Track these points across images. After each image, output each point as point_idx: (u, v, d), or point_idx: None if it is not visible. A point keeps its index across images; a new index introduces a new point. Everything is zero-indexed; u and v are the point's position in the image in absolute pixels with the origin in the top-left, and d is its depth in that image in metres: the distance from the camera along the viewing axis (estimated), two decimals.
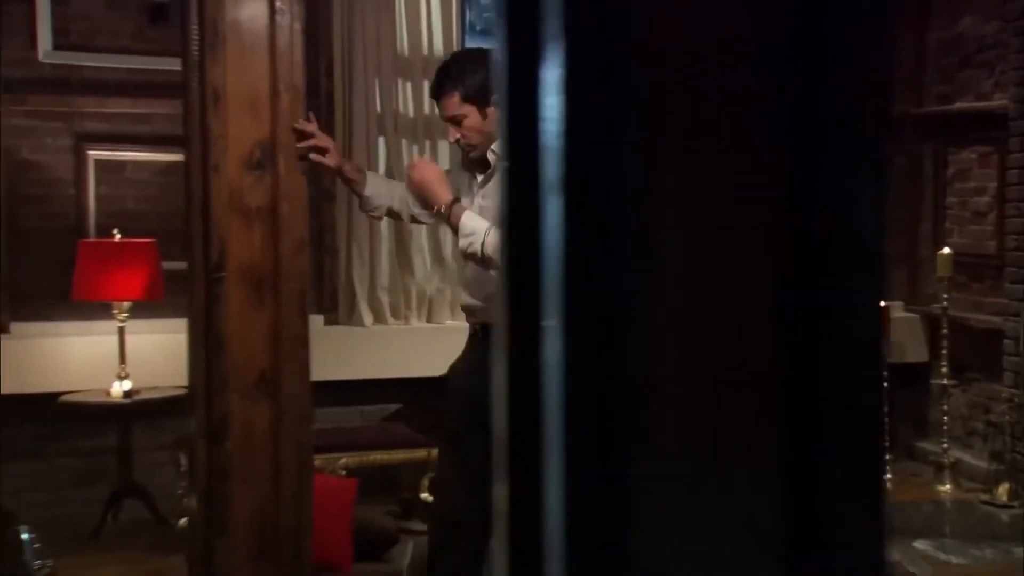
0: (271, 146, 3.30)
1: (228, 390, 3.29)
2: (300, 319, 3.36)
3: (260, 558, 3.34)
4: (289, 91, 3.30)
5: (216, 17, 3.23)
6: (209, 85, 3.26)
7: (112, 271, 5.43)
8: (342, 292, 6.26)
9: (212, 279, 3.30)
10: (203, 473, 3.35)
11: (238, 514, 3.31)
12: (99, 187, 5.94)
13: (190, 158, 3.38)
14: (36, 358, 5.75)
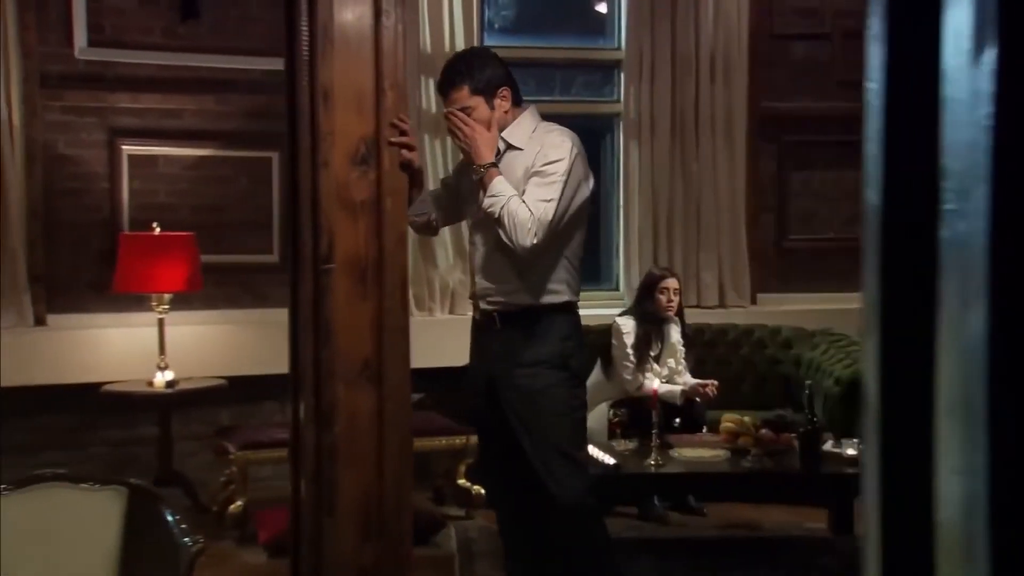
0: (375, 142, 3.42)
1: (335, 378, 3.42)
2: (401, 309, 3.49)
3: (365, 538, 3.47)
4: (393, 89, 3.42)
5: (326, 18, 3.35)
6: (319, 84, 3.37)
7: (153, 264, 5.52)
8: None
9: (321, 271, 3.42)
10: (311, 457, 3.47)
11: (345, 496, 3.44)
12: (132, 181, 6.02)
13: (298, 153, 3.48)
14: (73, 350, 5.83)
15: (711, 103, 6.81)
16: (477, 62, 3.65)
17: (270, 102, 6.18)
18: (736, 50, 6.85)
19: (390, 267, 3.45)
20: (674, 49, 6.76)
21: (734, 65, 6.85)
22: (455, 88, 3.58)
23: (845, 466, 4.79)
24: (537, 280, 3.53)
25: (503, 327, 3.57)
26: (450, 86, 3.60)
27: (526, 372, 3.53)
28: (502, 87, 3.60)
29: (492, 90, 3.58)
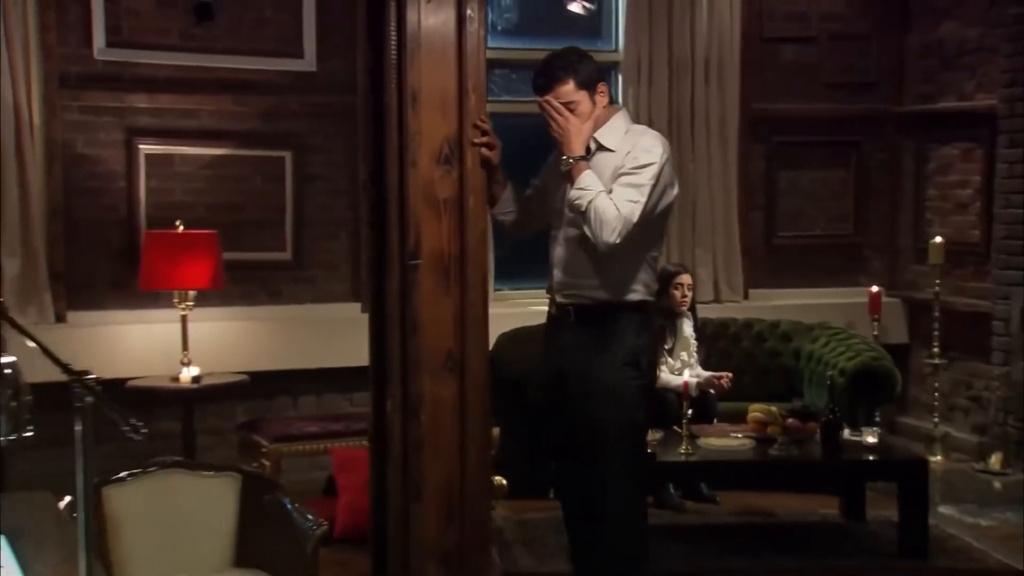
0: (459, 142, 3.58)
1: (421, 369, 3.56)
2: (482, 303, 3.64)
3: (449, 523, 3.62)
4: (476, 91, 3.58)
5: (415, 23, 3.49)
6: (408, 86, 3.51)
7: (177, 261, 5.58)
8: None
9: (408, 266, 3.56)
10: (399, 446, 3.61)
11: (430, 482, 3.59)
12: (149, 180, 6.08)
13: (383, 153, 3.61)
14: (93, 346, 5.87)
15: (705, 104, 7.03)
16: (577, 57, 3.69)
17: (284, 103, 6.30)
18: (729, 53, 7.08)
19: (472, 262, 3.61)
20: (670, 52, 6.97)
21: (727, 68, 7.08)
22: (560, 82, 3.60)
23: (864, 453, 5.03)
24: (616, 277, 3.60)
25: (577, 321, 3.64)
26: (555, 80, 3.60)
27: (599, 367, 3.59)
28: (600, 82, 3.67)
29: (593, 85, 3.64)
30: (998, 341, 6.75)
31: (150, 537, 3.05)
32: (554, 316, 3.77)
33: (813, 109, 7.35)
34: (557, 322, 3.74)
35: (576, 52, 3.75)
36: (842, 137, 7.48)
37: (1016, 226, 6.62)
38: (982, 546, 5.12)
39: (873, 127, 7.52)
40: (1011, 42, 6.65)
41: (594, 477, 3.62)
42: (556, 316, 3.75)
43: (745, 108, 7.13)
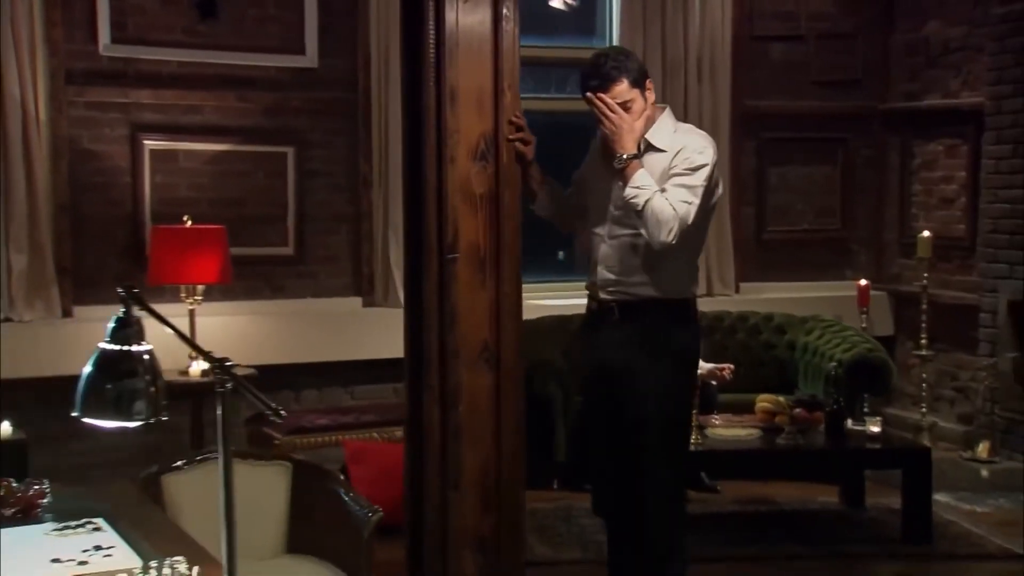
0: (494, 139, 3.66)
1: (458, 360, 3.64)
2: (516, 295, 3.72)
3: (485, 510, 3.70)
4: (511, 89, 3.66)
5: (453, 23, 3.57)
6: (447, 84, 3.59)
7: (185, 256, 5.63)
8: (379, 275, 6.56)
9: (446, 260, 3.64)
10: (437, 435, 3.69)
11: (467, 471, 3.67)
12: (154, 175, 6.11)
13: (420, 149, 3.68)
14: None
15: (698, 101, 7.15)
16: (625, 56, 3.74)
17: (286, 99, 6.35)
18: (720, 51, 7.20)
19: (507, 256, 3.68)
20: (664, 50, 7.08)
21: (718, 65, 7.20)
22: (615, 82, 3.63)
23: (868, 442, 5.17)
24: (665, 276, 3.68)
25: (622, 318, 3.71)
26: (610, 81, 3.63)
27: (647, 364, 3.67)
28: (648, 79, 3.72)
29: (643, 82, 3.69)
30: (985, 333, 6.92)
31: (207, 523, 3.10)
32: (596, 312, 3.81)
33: (801, 106, 7.50)
34: (600, 318, 3.80)
35: (623, 51, 3.81)
36: (829, 134, 7.62)
37: (1003, 220, 6.79)
38: (980, 531, 5.28)
39: (859, 124, 7.67)
40: (997, 41, 6.82)
41: (639, 470, 3.71)
42: (598, 312, 3.80)
43: (736, 105, 7.26)
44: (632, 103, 3.67)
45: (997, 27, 6.79)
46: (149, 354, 2.00)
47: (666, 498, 3.74)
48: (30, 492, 2.53)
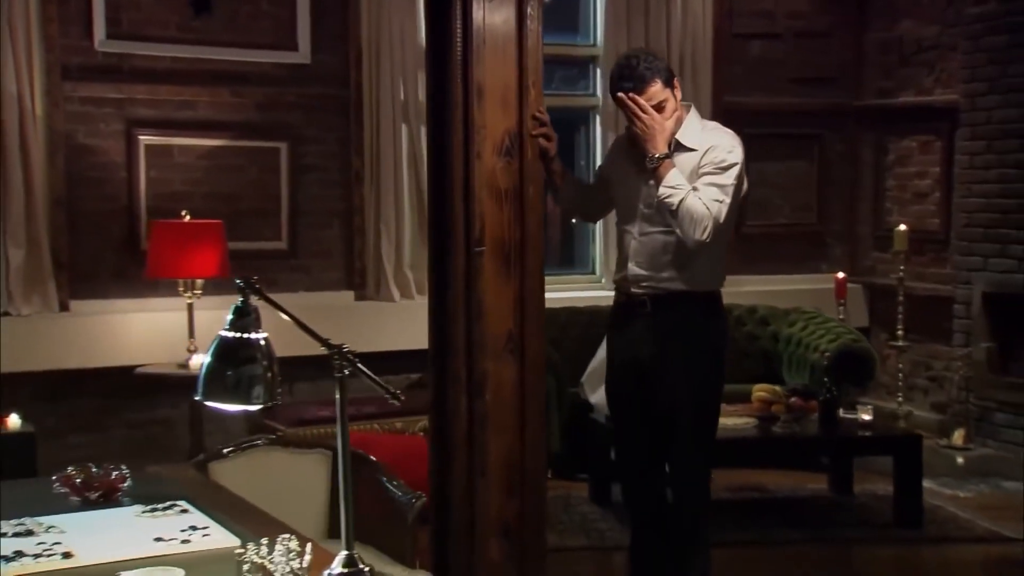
0: (519, 135, 3.75)
1: (484, 351, 3.73)
2: (540, 289, 3.82)
3: (509, 496, 3.80)
4: (535, 86, 3.76)
5: (480, 21, 3.66)
6: (474, 81, 3.68)
7: (184, 250, 5.67)
8: (371, 269, 6.63)
9: (473, 253, 3.73)
10: (463, 425, 3.78)
11: (493, 459, 3.76)
12: (149, 170, 6.14)
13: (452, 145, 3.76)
14: (97, 335, 5.95)
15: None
16: (655, 56, 3.84)
17: (279, 94, 6.40)
18: (701, 48, 7.34)
19: (531, 249, 3.78)
20: (647, 47, 7.19)
21: (700, 62, 7.34)
22: (650, 83, 3.71)
23: (861, 429, 5.33)
24: (694, 269, 3.77)
25: (654, 311, 3.79)
26: (644, 82, 3.71)
27: (679, 355, 3.77)
28: (675, 79, 3.81)
29: (672, 82, 3.78)
30: (959, 323, 7.12)
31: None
32: (626, 307, 3.89)
33: (779, 103, 7.66)
34: (631, 312, 3.87)
35: (652, 53, 3.91)
36: (806, 130, 7.80)
37: (977, 214, 7.00)
38: (967, 515, 5.46)
39: (835, 120, 7.85)
40: (970, 40, 7.02)
41: (672, 458, 3.83)
42: (628, 306, 3.88)
43: (717, 101, 7.41)
44: (665, 103, 3.75)
45: (971, 27, 6.99)
46: (265, 341, 2.08)
47: (697, 485, 3.87)
48: (112, 476, 2.59)
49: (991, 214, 6.91)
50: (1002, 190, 6.83)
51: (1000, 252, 6.86)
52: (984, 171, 6.95)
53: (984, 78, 6.94)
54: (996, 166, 6.87)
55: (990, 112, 6.91)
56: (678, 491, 3.89)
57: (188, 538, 2.30)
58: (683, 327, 3.78)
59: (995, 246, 6.88)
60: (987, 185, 6.93)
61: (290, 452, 3.33)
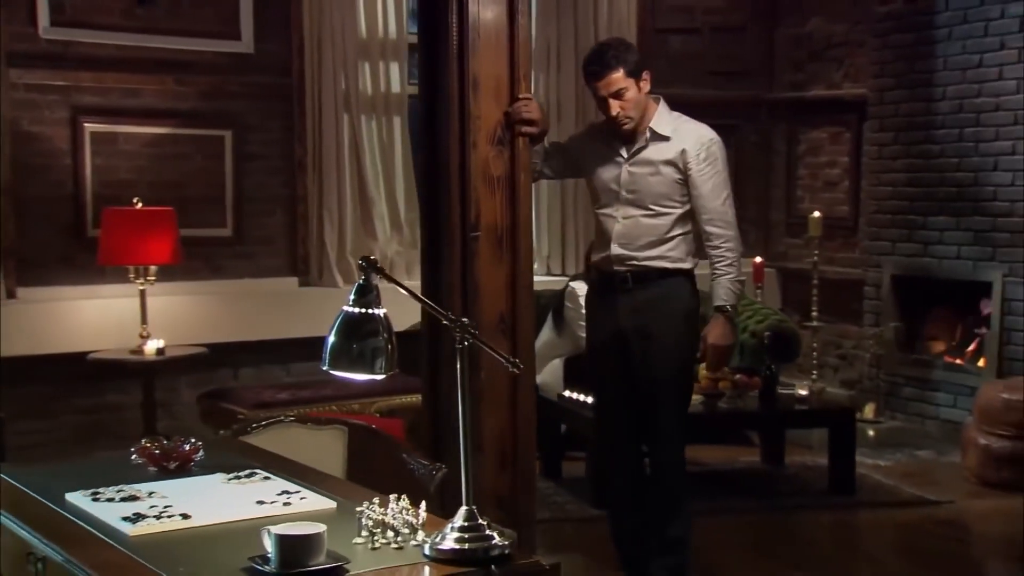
0: (510, 125, 3.95)
1: (480, 330, 3.91)
2: (529, 271, 4.03)
3: (502, 470, 4.00)
4: (526, 79, 3.96)
5: (475, 16, 3.84)
6: (470, 74, 3.86)
7: (136, 237, 5.72)
8: (314, 256, 6.74)
9: (469, 238, 3.92)
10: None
11: (487, 434, 3.96)
12: (94, 158, 6.16)
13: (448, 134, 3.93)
14: (45, 321, 5.96)
15: None
16: (624, 47, 4.13)
17: (223, 83, 6.47)
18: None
19: (522, 234, 3.99)
20: (576, 40, 7.45)
21: None
22: (612, 70, 4.00)
23: (799, 403, 5.67)
24: (673, 249, 4.08)
25: (635, 287, 4.07)
26: (607, 68, 4.00)
27: (660, 325, 4.05)
28: (645, 70, 4.10)
29: (639, 73, 4.07)
30: (869, 304, 7.55)
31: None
32: (607, 284, 4.15)
33: (697, 95, 7.93)
34: (614, 288, 4.13)
35: (624, 42, 4.19)
36: (721, 121, 8.04)
37: (886, 202, 7.42)
38: (891, 482, 5.84)
39: (748, 112, 8.21)
40: (878, 37, 7.44)
41: (655, 423, 4.08)
42: (610, 284, 4.14)
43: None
44: (625, 91, 4.04)
45: (880, 24, 7.40)
46: (385, 316, 2.24)
47: (678, 451, 4.15)
48: (186, 448, 2.71)
49: (899, 201, 7.34)
50: (909, 179, 7.26)
51: (907, 237, 7.29)
52: (892, 161, 7.38)
53: (892, 74, 7.36)
54: (903, 156, 7.31)
55: (897, 106, 7.34)
56: (660, 458, 4.15)
57: (288, 501, 2.44)
58: (663, 302, 4.07)
59: (902, 231, 7.32)
60: (895, 174, 7.36)
61: (308, 428, 3.46)
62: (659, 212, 4.06)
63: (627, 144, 4.17)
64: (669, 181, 4.05)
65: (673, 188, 4.05)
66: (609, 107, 4.10)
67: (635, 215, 4.07)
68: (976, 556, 5.13)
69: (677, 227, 4.07)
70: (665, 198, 4.06)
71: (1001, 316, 6.77)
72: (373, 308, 2.21)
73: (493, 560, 2.14)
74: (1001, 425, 5.77)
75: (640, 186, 4.10)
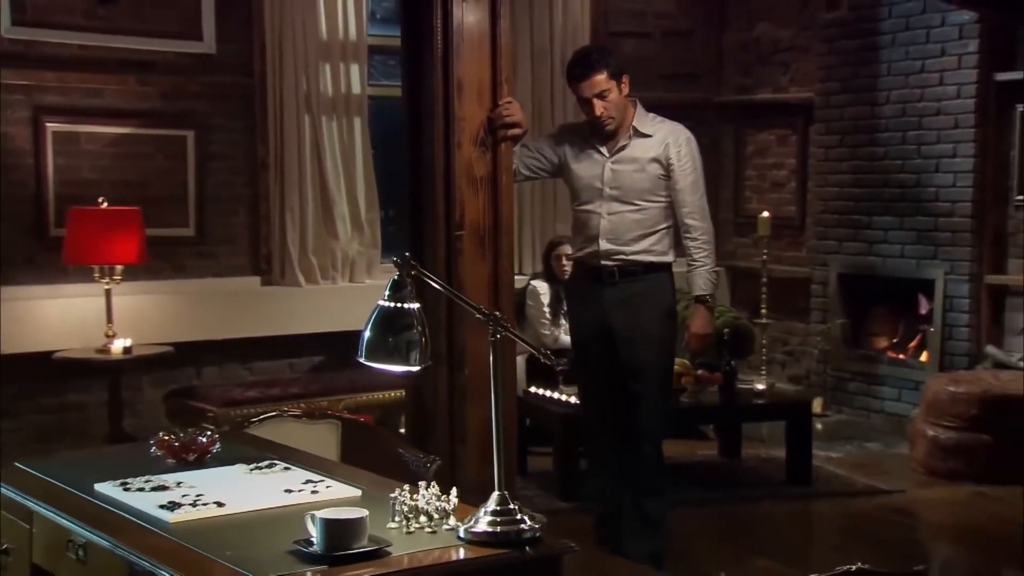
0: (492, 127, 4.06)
1: (464, 327, 4.03)
2: (510, 268, 4.15)
3: (484, 462, 4.10)
4: (508, 81, 4.08)
5: (459, 20, 3.95)
6: (454, 76, 3.97)
7: (102, 237, 5.74)
8: (276, 255, 6.79)
9: (454, 236, 4.02)
10: (444, 395, 4.07)
11: (471, 427, 4.07)
12: (57, 157, 6.16)
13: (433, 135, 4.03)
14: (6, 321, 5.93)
15: (564, 91, 7.64)
16: (606, 51, 4.35)
17: (185, 83, 6.50)
18: (581, 44, 7.74)
19: (504, 233, 4.11)
20: (532, 42, 7.58)
21: None
22: (596, 71, 4.20)
23: (757, 398, 5.85)
24: (656, 244, 4.29)
25: (621, 280, 4.25)
26: (591, 70, 4.20)
27: (647, 315, 4.25)
28: (624, 74, 4.27)
29: (620, 76, 4.27)
30: (816, 302, 7.77)
31: None
32: (592, 278, 4.32)
33: (649, 97, 8.04)
34: (599, 282, 4.30)
35: (605, 47, 4.36)
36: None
37: (832, 202, 7.64)
38: (844, 473, 6.04)
39: (697, 114, 8.34)
40: (824, 43, 7.66)
41: (638, 408, 4.25)
42: (596, 278, 4.30)
43: None
44: (608, 92, 4.25)
45: (826, 31, 7.62)
46: (419, 310, 2.34)
47: (659, 437, 4.33)
48: (203, 440, 2.78)
49: (844, 202, 7.56)
50: (855, 180, 7.49)
51: (853, 236, 7.52)
52: (838, 163, 7.60)
53: (837, 78, 7.58)
54: (848, 158, 7.53)
55: (843, 109, 7.56)
56: (643, 445, 4.31)
57: (315, 489, 2.53)
58: (649, 294, 4.26)
59: (848, 231, 7.54)
60: (840, 175, 7.59)
61: (303, 422, 3.55)
62: (644, 207, 4.26)
63: (607, 142, 4.34)
64: (653, 177, 4.24)
65: (656, 183, 4.25)
66: (593, 107, 4.29)
67: (621, 211, 4.24)
68: (927, 541, 5.35)
69: (661, 221, 4.29)
70: (649, 193, 4.24)
71: (943, 312, 7.02)
72: (407, 303, 2.31)
73: (526, 542, 2.25)
74: (948, 417, 5.99)
75: (623, 182, 4.28)
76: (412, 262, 2.35)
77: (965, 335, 6.91)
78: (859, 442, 6.78)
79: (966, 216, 6.86)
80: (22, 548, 2.49)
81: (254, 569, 2.03)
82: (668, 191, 4.28)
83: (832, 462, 6.26)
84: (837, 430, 7.12)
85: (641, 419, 4.29)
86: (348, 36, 6.95)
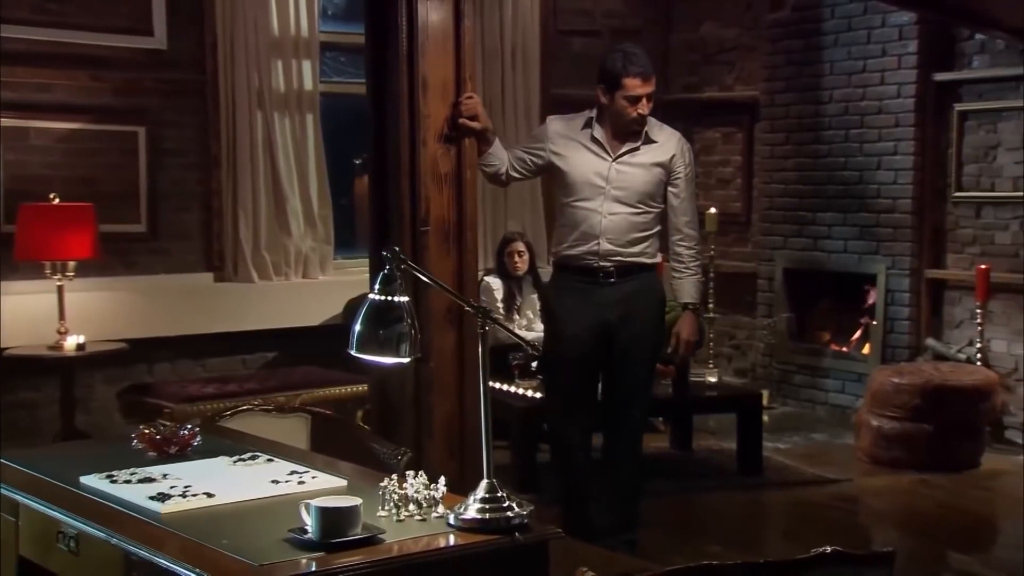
0: (457, 124, 4.12)
1: (430, 321, 4.08)
2: (474, 264, 4.22)
3: (451, 455, 4.17)
4: (472, 79, 4.14)
5: (424, 18, 4.00)
6: (419, 74, 4.02)
7: (55, 233, 5.71)
8: (229, 252, 6.78)
9: (419, 232, 4.07)
10: (411, 390, 4.12)
11: (437, 420, 4.13)
12: (6, 153, 6.10)
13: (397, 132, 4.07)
14: None
15: (513, 88, 7.75)
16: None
17: (137, 79, 6.47)
18: (531, 43, 7.84)
19: (468, 228, 4.18)
20: (483, 41, 7.62)
21: (529, 56, 7.84)
22: (653, 74, 4.43)
23: (709, 390, 5.97)
24: (649, 246, 4.45)
25: (618, 279, 4.37)
26: (652, 72, 4.42)
27: (645, 315, 4.42)
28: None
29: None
30: (762, 296, 7.91)
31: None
32: (587, 277, 4.40)
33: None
34: (596, 282, 4.39)
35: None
36: None
37: (778, 199, 7.79)
38: (793, 463, 6.17)
39: None
40: (770, 43, 7.80)
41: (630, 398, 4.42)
42: (591, 277, 4.39)
43: (545, 93, 7.91)
44: (653, 95, 4.46)
45: (770, 31, 7.77)
46: (409, 303, 2.38)
47: (641, 431, 4.47)
48: (184, 433, 2.81)
49: (790, 198, 7.71)
50: (799, 177, 7.64)
51: (798, 232, 7.67)
52: (783, 160, 7.75)
53: (782, 77, 7.73)
54: (793, 156, 7.68)
55: (787, 107, 7.71)
56: (626, 439, 4.44)
57: (301, 480, 2.57)
58: (644, 293, 4.42)
59: (793, 227, 7.69)
60: (785, 173, 7.73)
61: (273, 416, 3.58)
62: (643, 210, 4.38)
63: (612, 142, 4.42)
64: (656, 182, 4.36)
65: (658, 188, 4.39)
66: (640, 106, 4.40)
67: (622, 212, 4.34)
68: (874, 526, 5.49)
69: (653, 226, 4.45)
70: (649, 197, 4.37)
71: (884, 306, 7.19)
72: (397, 296, 2.36)
73: (514, 528, 2.32)
74: (892, 408, 6.15)
75: (627, 184, 4.36)
76: (402, 256, 2.40)
77: (906, 328, 7.08)
78: (806, 433, 6.94)
79: (906, 212, 7.04)
80: (9, 540, 2.51)
81: (253, 556, 2.07)
82: (663, 197, 4.43)
83: (780, 453, 6.40)
84: (784, 422, 7.26)
85: (628, 413, 4.44)
86: (300, 32, 6.96)
